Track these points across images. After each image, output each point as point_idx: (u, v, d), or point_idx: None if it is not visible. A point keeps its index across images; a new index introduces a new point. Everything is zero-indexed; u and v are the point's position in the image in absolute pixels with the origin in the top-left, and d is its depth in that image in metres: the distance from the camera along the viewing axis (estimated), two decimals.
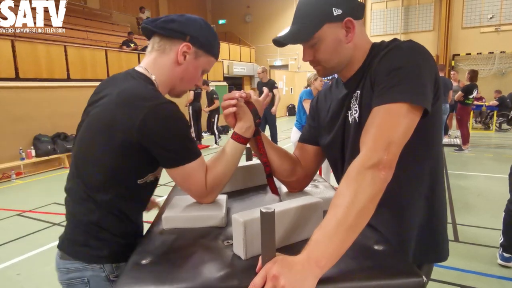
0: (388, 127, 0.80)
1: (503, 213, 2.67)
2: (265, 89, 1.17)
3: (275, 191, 1.14)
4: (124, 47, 9.58)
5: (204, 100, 8.91)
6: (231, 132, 1.07)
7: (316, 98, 1.22)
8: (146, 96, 0.93)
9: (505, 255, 2.67)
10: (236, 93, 1.03)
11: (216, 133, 8.90)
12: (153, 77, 1.03)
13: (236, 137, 1.04)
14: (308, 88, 4.34)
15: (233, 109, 1.02)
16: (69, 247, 1.01)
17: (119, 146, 0.93)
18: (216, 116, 8.75)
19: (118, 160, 0.95)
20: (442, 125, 0.97)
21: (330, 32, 0.93)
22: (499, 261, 2.69)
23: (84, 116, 1.05)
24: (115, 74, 1.09)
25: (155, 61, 1.05)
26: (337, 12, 0.91)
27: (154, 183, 1.08)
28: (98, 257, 0.98)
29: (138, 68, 1.05)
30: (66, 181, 1.06)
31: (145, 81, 1.01)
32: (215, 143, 8.89)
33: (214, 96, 8.52)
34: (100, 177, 0.97)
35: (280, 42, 0.96)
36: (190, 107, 8.69)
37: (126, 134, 0.92)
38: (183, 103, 9.20)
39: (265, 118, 6.68)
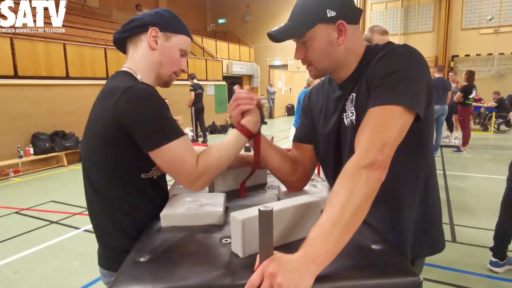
0: (382, 128, 0.82)
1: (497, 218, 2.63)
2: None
3: (242, 194, 1.19)
4: None
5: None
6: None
7: (308, 96, 1.22)
8: (121, 85, 0.96)
9: (493, 259, 2.64)
10: (253, 94, 1.05)
11: (193, 126, 9.11)
12: (138, 75, 1.06)
13: (242, 129, 1.03)
14: (308, 88, 4.36)
15: (251, 107, 1.04)
16: (102, 260, 1.09)
17: (103, 139, 0.96)
18: (193, 108, 8.86)
19: (109, 154, 0.97)
20: (433, 126, 1.00)
21: (322, 32, 0.95)
22: (488, 266, 2.67)
23: None
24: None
25: (133, 57, 1.09)
26: (330, 14, 0.93)
27: (163, 178, 1.10)
28: None
29: (122, 69, 1.09)
30: (84, 191, 1.09)
31: (127, 76, 1.04)
32: (195, 138, 9.07)
33: (190, 88, 8.71)
34: (102, 177, 1.00)
35: (274, 37, 0.97)
36: (193, 108, 8.78)
37: (105, 123, 0.94)
38: (181, 102, 9.22)
39: None
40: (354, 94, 0.98)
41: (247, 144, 1.12)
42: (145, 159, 0.97)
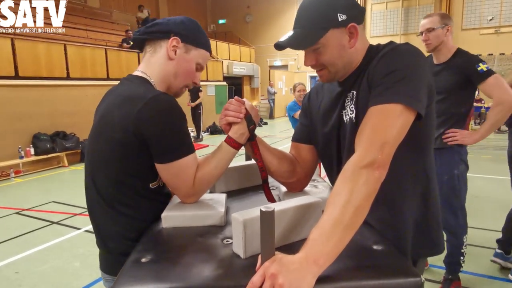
0: (382, 128, 0.81)
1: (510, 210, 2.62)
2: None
3: (270, 198, 1.11)
4: (124, 44, 9.59)
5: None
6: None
7: (308, 96, 1.22)
8: (143, 93, 0.95)
9: (498, 251, 2.65)
10: (242, 108, 1.04)
11: (201, 125, 9.27)
12: (152, 81, 1.05)
13: (230, 141, 1.04)
14: (292, 101, 4.54)
15: (237, 120, 1.03)
16: (103, 264, 1.09)
17: (119, 145, 0.95)
18: (201, 108, 9.11)
19: (121, 160, 0.96)
20: (434, 126, 1.00)
21: (334, 37, 0.93)
22: (492, 257, 2.66)
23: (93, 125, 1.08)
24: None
25: (148, 62, 1.07)
26: (341, 17, 0.92)
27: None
28: None
29: (135, 73, 1.07)
30: (86, 194, 1.08)
31: (143, 82, 1.03)
32: (198, 137, 9.18)
33: (200, 89, 8.95)
34: (109, 182, 1.00)
35: (284, 47, 0.95)
36: (198, 107, 9.00)
37: (123, 130, 0.93)
38: (181, 103, 9.24)
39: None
40: (354, 92, 0.97)
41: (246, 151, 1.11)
42: (151, 169, 0.99)
